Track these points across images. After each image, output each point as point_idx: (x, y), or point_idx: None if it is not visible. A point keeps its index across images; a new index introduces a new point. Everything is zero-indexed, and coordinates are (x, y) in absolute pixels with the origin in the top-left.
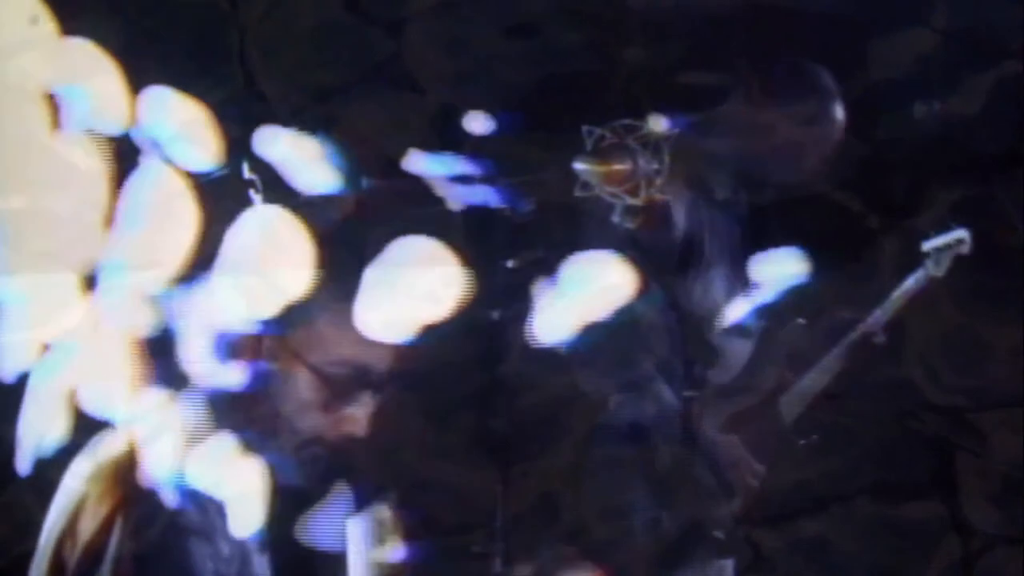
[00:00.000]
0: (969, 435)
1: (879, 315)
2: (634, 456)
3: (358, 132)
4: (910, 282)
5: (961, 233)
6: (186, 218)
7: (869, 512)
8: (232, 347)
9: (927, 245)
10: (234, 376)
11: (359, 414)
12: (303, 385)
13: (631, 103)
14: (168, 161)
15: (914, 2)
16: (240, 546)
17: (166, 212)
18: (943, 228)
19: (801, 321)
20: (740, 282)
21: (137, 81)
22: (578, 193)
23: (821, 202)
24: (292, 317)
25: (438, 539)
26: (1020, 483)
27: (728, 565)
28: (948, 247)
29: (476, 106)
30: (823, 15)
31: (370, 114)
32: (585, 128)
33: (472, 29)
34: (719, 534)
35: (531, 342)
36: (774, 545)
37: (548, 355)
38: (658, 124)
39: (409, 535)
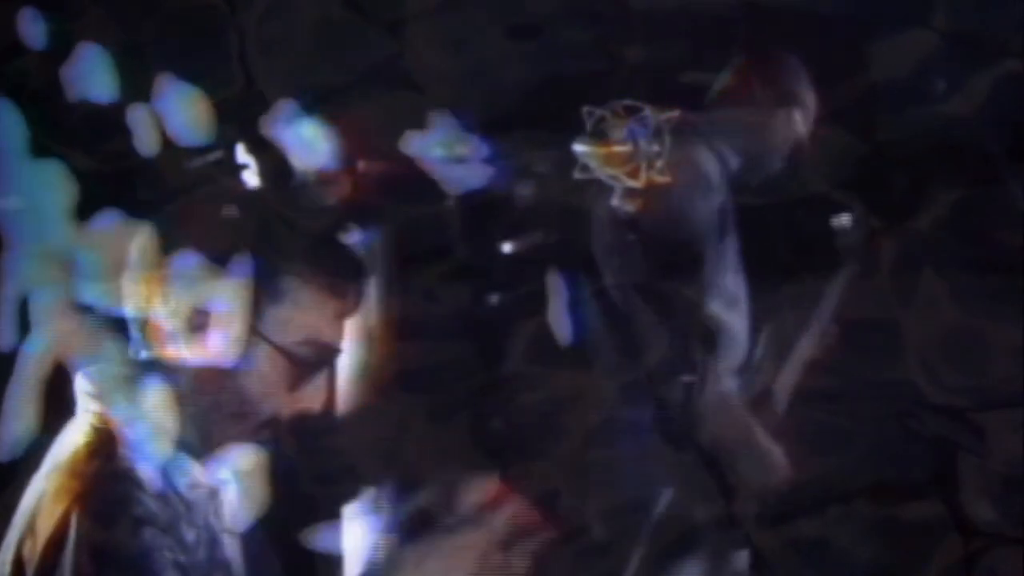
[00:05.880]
0: (970, 435)
1: (824, 308)
2: (635, 451)
3: (356, 127)
4: (839, 277)
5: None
6: None
7: (869, 513)
8: (200, 325)
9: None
10: (201, 355)
11: (316, 391)
12: (265, 364)
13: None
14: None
15: (915, 3)
16: (207, 531)
17: None
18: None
19: (788, 314)
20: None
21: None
22: (577, 176)
23: (820, 201)
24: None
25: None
26: (1019, 483)
27: (743, 556)
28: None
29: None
30: (823, 15)
31: (369, 112)
32: (585, 109)
33: (473, 29)
34: (718, 529)
35: (529, 331)
36: (772, 545)
37: (547, 346)
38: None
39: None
